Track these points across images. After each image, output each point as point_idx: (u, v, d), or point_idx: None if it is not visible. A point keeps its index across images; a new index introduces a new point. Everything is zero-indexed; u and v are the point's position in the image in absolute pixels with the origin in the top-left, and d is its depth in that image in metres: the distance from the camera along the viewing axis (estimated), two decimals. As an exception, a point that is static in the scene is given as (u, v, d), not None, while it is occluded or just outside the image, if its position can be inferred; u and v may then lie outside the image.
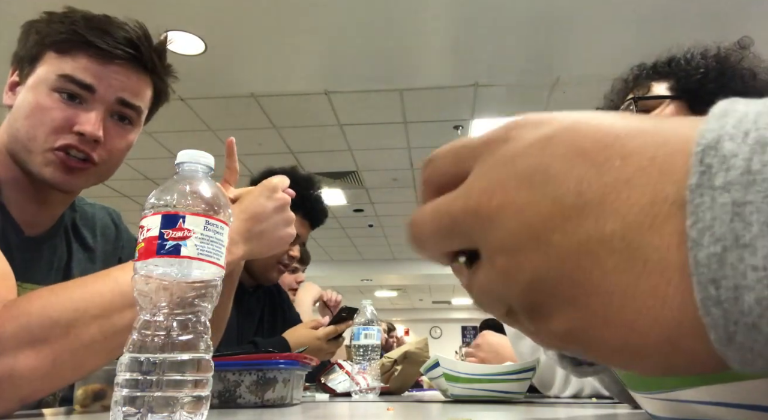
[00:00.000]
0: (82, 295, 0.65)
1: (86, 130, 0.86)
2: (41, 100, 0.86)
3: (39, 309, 0.63)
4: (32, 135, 0.86)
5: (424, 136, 5.04)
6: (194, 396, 0.45)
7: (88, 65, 0.88)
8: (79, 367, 0.66)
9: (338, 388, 1.47)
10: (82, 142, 0.87)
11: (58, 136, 0.86)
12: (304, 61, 3.80)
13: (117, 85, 0.90)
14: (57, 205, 0.97)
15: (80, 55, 0.88)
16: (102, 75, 0.89)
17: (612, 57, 3.54)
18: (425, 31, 3.48)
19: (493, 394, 1.08)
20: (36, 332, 0.61)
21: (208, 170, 0.52)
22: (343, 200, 6.86)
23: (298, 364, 0.95)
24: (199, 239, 0.47)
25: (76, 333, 0.63)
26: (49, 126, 0.86)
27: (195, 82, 3.93)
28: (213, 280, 0.49)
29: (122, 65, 0.90)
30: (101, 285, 0.67)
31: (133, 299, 0.63)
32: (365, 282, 10.57)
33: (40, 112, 0.86)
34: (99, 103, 0.89)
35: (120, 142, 0.93)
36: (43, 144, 0.86)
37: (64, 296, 0.65)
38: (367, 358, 1.37)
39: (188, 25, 3.35)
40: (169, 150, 5.09)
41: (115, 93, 0.90)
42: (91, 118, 0.87)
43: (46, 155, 0.87)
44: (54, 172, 0.87)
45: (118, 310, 0.65)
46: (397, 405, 1.00)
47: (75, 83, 0.87)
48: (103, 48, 0.88)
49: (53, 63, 0.88)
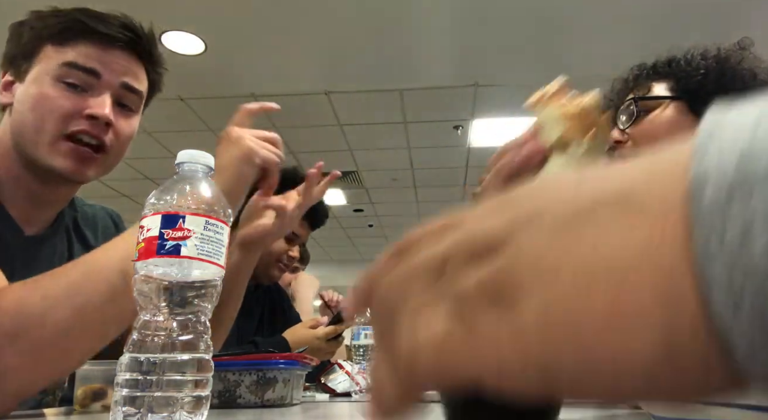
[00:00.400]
0: (50, 282, 0.64)
1: (98, 112, 0.86)
2: (46, 91, 0.86)
3: (12, 304, 0.62)
4: (40, 126, 0.86)
5: (424, 136, 5.04)
6: (194, 396, 0.45)
7: (91, 51, 0.88)
8: (64, 355, 0.65)
9: (338, 388, 1.47)
10: (94, 127, 0.87)
11: (68, 123, 0.86)
12: (304, 61, 3.80)
13: (120, 69, 0.90)
14: (58, 202, 0.97)
15: (81, 42, 0.88)
16: (105, 60, 0.89)
17: (612, 57, 3.53)
18: (425, 31, 3.48)
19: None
20: (10, 329, 0.61)
21: (208, 170, 0.52)
22: (343, 200, 6.85)
23: (298, 364, 0.95)
24: (199, 239, 0.47)
25: (51, 321, 0.62)
26: (57, 114, 0.85)
27: (195, 82, 3.93)
28: (213, 280, 0.49)
29: (123, 49, 0.91)
30: (67, 269, 0.67)
31: (104, 274, 0.61)
32: (365, 282, 10.55)
33: (47, 102, 0.86)
34: (105, 88, 0.89)
35: (126, 127, 0.94)
36: (53, 133, 0.86)
37: (33, 287, 0.64)
38: (367, 358, 1.37)
39: (188, 25, 3.35)
40: (169, 150, 5.08)
41: (119, 77, 0.90)
42: (101, 102, 0.87)
43: (56, 145, 0.86)
44: (64, 162, 0.86)
45: (89, 286, 0.64)
46: (397, 405, 1.00)
47: (80, 69, 0.87)
48: (105, 32, 0.88)
49: (53, 55, 0.88)
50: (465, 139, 5.17)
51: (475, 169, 5.77)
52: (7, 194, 0.89)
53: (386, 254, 0.24)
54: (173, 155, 0.52)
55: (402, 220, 7.69)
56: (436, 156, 5.54)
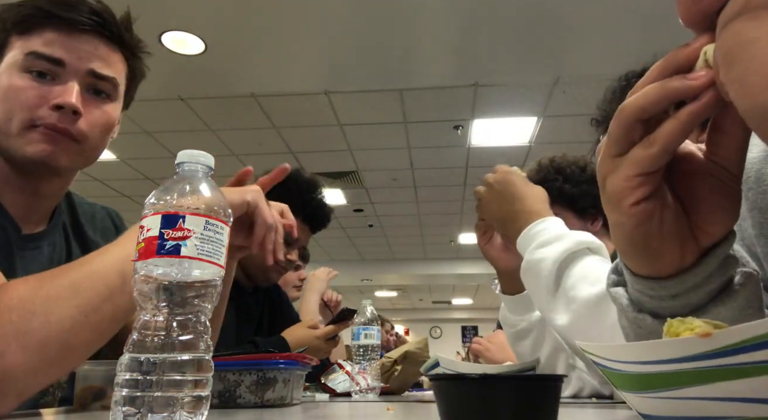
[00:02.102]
0: (53, 281, 0.65)
1: (64, 101, 0.85)
2: (13, 82, 0.85)
3: (17, 302, 0.62)
4: (8, 117, 0.85)
5: (424, 136, 5.04)
6: (194, 396, 0.45)
7: (54, 38, 0.86)
8: (68, 353, 0.65)
9: (338, 388, 1.47)
10: (61, 119, 0.86)
11: (34, 113, 0.85)
12: (304, 61, 3.80)
13: (85, 56, 0.88)
14: (49, 196, 0.96)
15: (45, 29, 0.86)
16: (69, 47, 0.87)
17: (612, 57, 3.54)
18: (425, 31, 3.48)
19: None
20: (18, 326, 0.61)
21: (208, 170, 0.52)
22: (343, 200, 6.86)
23: (298, 364, 0.95)
24: (199, 239, 0.47)
25: (56, 319, 0.63)
26: (24, 105, 0.84)
27: (195, 82, 3.93)
28: (213, 280, 0.48)
29: (89, 34, 0.89)
30: (70, 269, 0.67)
31: (103, 273, 0.61)
32: (365, 282, 10.57)
33: (14, 93, 0.85)
34: (71, 75, 0.87)
35: (100, 115, 0.91)
36: (21, 124, 0.85)
37: (37, 286, 0.65)
38: (367, 358, 1.37)
39: (188, 25, 3.35)
40: (169, 150, 5.09)
41: (85, 64, 0.88)
42: (66, 90, 0.86)
43: (25, 135, 0.85)
44: (36, 147, 0.85)
45: (90, 287, 0.65)
46: (397, 405, 1.00)
47: (43, 58, 0.86)
48: (67, 17, 0.86)
49: (19, 45, 0.87)
50: (465, 139, 5.17)
51: (475, 169, 5.77)
52: (1, 191, 0.89)
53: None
54: (173, 155, 0.52)
55: (402, 220, 7.70)
56: (436, 156, 5.54)
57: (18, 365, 0.61)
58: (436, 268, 9.94)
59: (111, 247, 0.71)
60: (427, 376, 1.22)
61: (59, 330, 0.63)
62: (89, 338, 0.66)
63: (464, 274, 10.06)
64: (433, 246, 9.03)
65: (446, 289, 12.23)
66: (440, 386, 0.51)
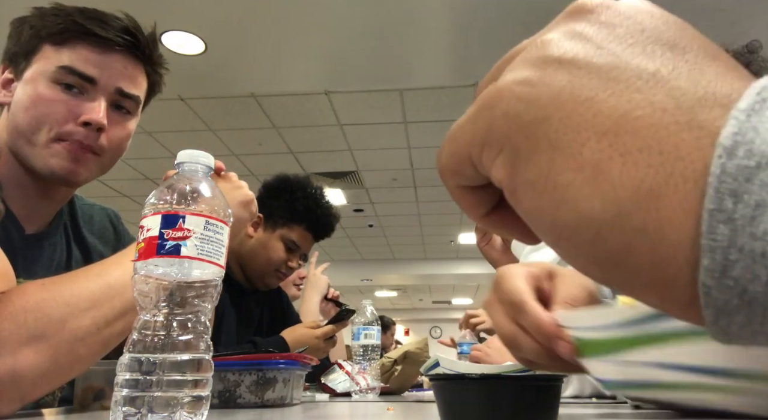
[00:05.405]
0: (71, 290, 0.66)
1: (92, 118, 0.87)
2: (42, 92, 0.86)
3: (34, 305, 0.63)
4: (35, 127, 0.86)
5: (424, 136, 5.04)
6: (194, 396, 0.45)
7: (89, 55, 0.88)
8: (76, 361, 0.66)
9: (338, 388, 1.47)
10: (87, 136, 0.88)
11: (62, 127, 0.86)
12: (304, 61, 3.80)
13: (115, 75, 0.90)
14: (58, 200, 0.97)
15: (79, 45, 0.88)
16: (103, 65, 0.89)
17: (612, 57, 3.53)
18: (425, 31, 3.48)
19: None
20: (33, 329, 0.62)
21: (208, 170, 0.52)
22: (343, 200, 6.86)
23: (298, 364, 0.95)
24: (199, 239, 0.47)
25: (71, 327, 0.64)
26: (52, 117, 0.86)
27: (195, 82, 3.93)
28: (213, 280, 0.49)
29: (122, 53, 0.91)
30: (87, 279, 0.68)
31: (119, 290, 0.63)
32: (365, 282, 10.57)
33: (42, 104, 0.86)
34: (100, 93, 0.89)
35: (121, 131, 0.94)
36: (48, 135, 0.86)
37: (55, 291, 0.65)
38: (367, 358, 1.37)
39: (188, 25, 3.35)
40: (169, 150, 5.08)
41: (114, 83, 0.90)
42: (95, 107, 0.88)
43: (51, 147, 0.86)
44: (60, 163, 0.87)
45: (107, 301, 0.66)
46: (397, 405, 1.00)
47: (76, 75, 0.87)
48: (103, 36, 0.88)
49: (51, 55, 0.88)
50: (465, 139, 5.16)
51: (475, 169, 5.76)
52: (8, 192, 0.90)
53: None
54: (173, 155, 0.52)
55: (402, 220, 7.69)
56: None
57: (27, 368, 0.61)
58: (436, 268, 9.93)
59: (126, 260, 0.71)
60: (427, 376, 1.22)
61: (72, 338, 0.64)
62: (97, 350, 0.68)
63: (464, 274, 10.05)
64: (433, 246, 9.02)
65: (446, 289, 12.22)
66: (440, 386, 0.51)
